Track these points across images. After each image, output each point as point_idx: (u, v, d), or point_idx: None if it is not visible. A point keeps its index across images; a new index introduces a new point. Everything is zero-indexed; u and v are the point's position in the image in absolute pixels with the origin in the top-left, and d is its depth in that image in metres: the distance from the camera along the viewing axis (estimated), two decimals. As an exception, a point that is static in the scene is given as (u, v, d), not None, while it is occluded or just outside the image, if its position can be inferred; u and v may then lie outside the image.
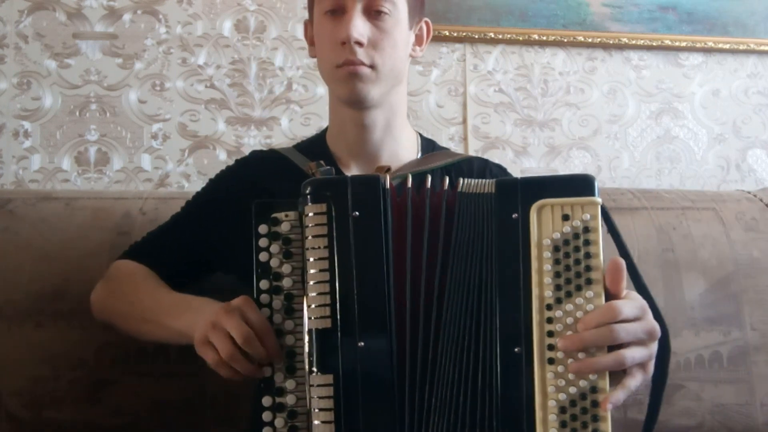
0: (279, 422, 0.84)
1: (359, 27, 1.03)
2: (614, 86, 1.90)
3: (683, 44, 1.90)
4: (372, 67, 1.04)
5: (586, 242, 0.83)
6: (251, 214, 0.87)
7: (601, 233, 0.84)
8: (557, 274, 0.83)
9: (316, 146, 1.17)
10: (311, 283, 0.84)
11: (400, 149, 1.14)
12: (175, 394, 1.21)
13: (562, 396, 0.81)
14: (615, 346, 0.81)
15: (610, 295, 0.83)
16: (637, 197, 1.48)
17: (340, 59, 1.04)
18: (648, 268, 1.36)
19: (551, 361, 0.81)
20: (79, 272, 1.24)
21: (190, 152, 1.72)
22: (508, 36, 1.83)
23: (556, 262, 0.83)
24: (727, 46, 1.92)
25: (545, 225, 0.84)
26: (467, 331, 0.84)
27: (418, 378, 0.84)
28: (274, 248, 0.87)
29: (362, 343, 0.82)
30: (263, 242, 0.87)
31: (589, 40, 1.86)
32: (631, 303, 0.83)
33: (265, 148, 1.29)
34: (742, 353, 1.37)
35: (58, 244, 1.27)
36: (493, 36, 1.82)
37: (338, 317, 0.83)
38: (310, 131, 1.19)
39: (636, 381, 0.83)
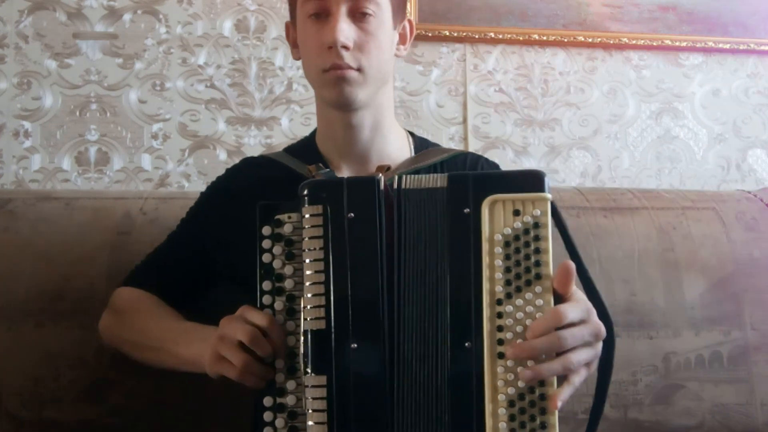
0: (279, 422, 0.84)
1: (345, 30, 1.02)
2: (614, 86, 1.90)
3: (683, 44, 1.90)
4: (359, 69, 1.04)
5: (536, 238, 0.84)
6: (254, 216, 0.87)
7: (550, 229, 0.84)
8: (507, 269, 0.83)
9: (306, 149, 1.17)
10: (307, 284, 0.84)
11: (390, 148, 1.14)
12: (175, 394, 1.21)
13: (511, 390, 0.82)
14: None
15: (558, 296, 0.84)
16: (637, 197, 1.47)
17: (326, 63, 1.03)
18: (648, 268, 1.36)
19: (501, 355, 0.82)
20: (79, 272, 1.24)
21: (190, 152, 1.72)
22: (509, 36, 1.83)
23: (507, 257, 0.84)
24: (727, 46, 1.92)
25: (497, 220, 0.84)
26: (426, 328, 0.85)
27: (396, 378, 0.84)
28: (277, 250, 0.87)
29: (355, 345, 0.83)
30: (266, 244, 0.87)
31: (589, 40, 1.86)
32: (575, 306, 0.84)
33: (263, 149, 1.29)
34: (742, 353, 1.37)
35: (58, 244, 1.27)
36: (493, 36, 1.82)
37: (332, 319, 0.83)
38: (310, 131, 1.19)
39: (581, 377, 0.85)
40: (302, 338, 0.84)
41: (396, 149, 1.15)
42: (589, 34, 1.86)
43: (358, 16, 1.04)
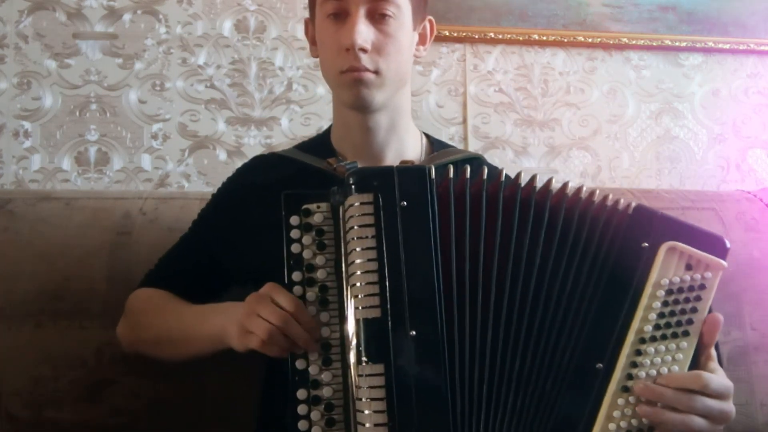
0: (315, 415, 0.83)
1: (363, 33, 1.01)
2: (614, 86, 1.90)
3: (683, 44, 1.90)
4: (377, 72, 1.03)
5: (698, 298, 0.86)
6: (270, 213, 0.87)
7: (713, 295, 0.86)
8: (661, 315, 0.85)
9: (320, 145, 1.16)
10: (358, 272, 0.83)
11: (405, 148, 1.14)
12: (175, 394, 1.21)
13: (623, 423, 0.84)
14: None
15: (701, 345, 0.86)
16: (637, 197, 1.47)
17: (344, 65, 1.03)
18: (648, 268, 1.36)
19: (625, 389, 0.84)
20: (79, 272, 1.25)
21: (190, 152, 1.72)
22: (508, 36, 1.83)
23: (665, 304, 0.85)
24: (727, 46, 1.92)
25: (667, 265, 0.86)
26: (543, 334, 0.86)
27: (467, 370, 0.84)
28: (307, 240, 0.86)
29: (414, 332, 0.82)
30: (295, 233, 0.86)
31: (589, 40, 1.86)
32: (719, 380, 0.85)
33: (263, 149, 1.29)
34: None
35: (58, 244, 1.27)
36: (493, 36, 1.82)
37: (388, 307, 0.82)
38: (310, 131, 1.19)
39: None
40: (353, 327, 0.83)
41: (411, 149, 1.15)
42: (589, 34, 1.86)
43: (377, 17, 1.03)
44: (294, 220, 0.87)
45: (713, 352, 0.87)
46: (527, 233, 0.87)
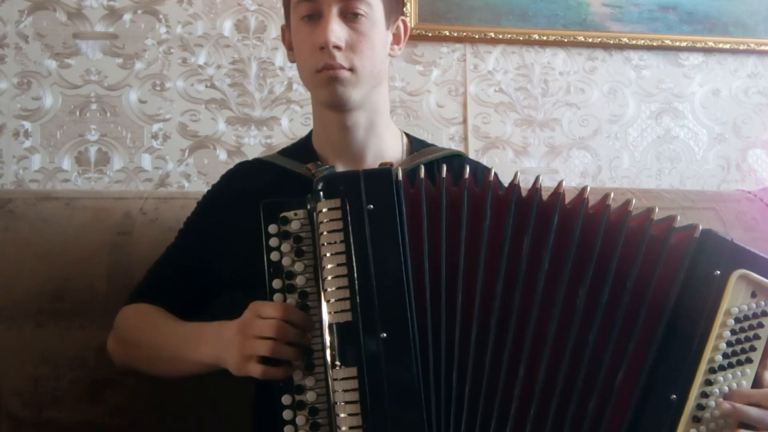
0: (300, 420, 0.84)
1: (336, 31, 1.02)
2: (614, 86, 1.90)
3: (683, 44, 1.90)
4: (351, 69, 1.04)
5: (760, 324, 0.87)
6: (253, 220, 0.87)
7: None
8: (730, 344, 0.86)
9: (302, 149, 1.17)
10: (329, 278, 0.84)
11: (385, 148, 1.14)
12: (175, 394, 1.21)
13: None
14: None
15: (761, 368, 0.87)
16: (637, 197, 1.47)
17: (319, 64, 1.04)
18: (648, 268, 1.36)
19: (696, 419, 0.85)
20: (79, 272, 1.24)
21: (190, 152, 1.72)
22: (509, 36, 1.83)
23: (733, 332, 0.86)
24: (727, 46, 1.92)
25: (736, 293, 0.86)
26: (578, 348, 0.86)
27: (443, 372, 0.84)
28: (285, 247, 0.87)
29: (384, 335, 0.83)
30: (273, 242, 0.87)
31: (590, 40, 1.86)
32: None
33: (263, 149, 1.29)
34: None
35: (58, 244, 1.27)
36: (493, 36, 1.82)
37: (359, 310, 0.83)
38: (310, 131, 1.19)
39: None
40: (326, 332, 0.83)
41: (391, 148, 1.15)
42: (589, 34, 1.86)
43: (350, 16, 1.04)
44: (272, 228, 0.87)
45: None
46: (526, 237, 0.87)
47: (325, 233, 0.85)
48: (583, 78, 1.89)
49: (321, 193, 0.86)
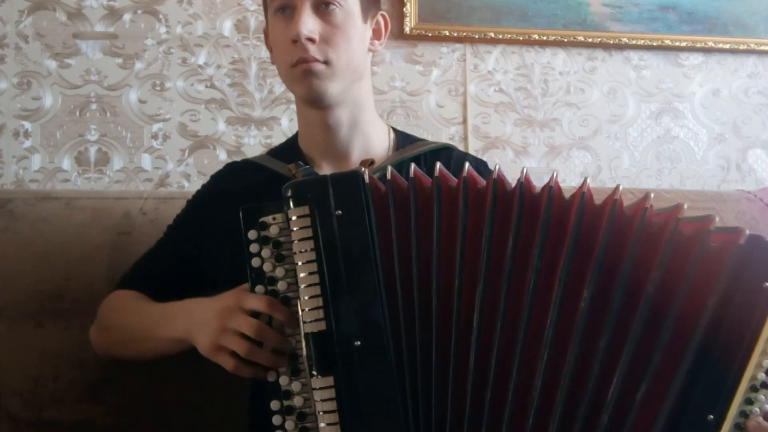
0: (289, 425, 0.84)
1: (309, 24, 1.01)
2: (614, 86, 1.90)
3: (683, 44, 1.90)
4: (326, 62, 1.03)
5: None
6: (239, 221, 0.86)
7: None
8: None
9: (289, 150, 1.16)
10: (302, 286, 0.83)
11: (371, 145, 1.13)
12: (175, 394, 1.21)
13: None
14: None
15: None
16: (637, 197, 1.47)
17: (293, 58, 1.03)
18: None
19: None
20: (79, 272, 1.24)
21: (190, 152, 1.72)
22: (509, 36, 1.83)
23: None
24: (727, 46, 1.92)
25: None
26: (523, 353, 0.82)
27: (420, 378, 0.83)
28: (266, 253, 0.85)
29: (358, 343, 0.82)
30: (254, 248, 0.86)
31: (589, 40, 1.86)
32: None
33: (263, 149, 1.29)
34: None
35: (58, 244, 1.27)
36: (493, 36, 1.82)
37: (332, 318, 0.82)
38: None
39: None
40: (304, 341, 0.83)
41: (377, 145, 1.14)
42: (589, 34, 1.86)
43: (323, 9, 1.03)
44: (252, 234, 0.86)
45: None
46: (512, 234, 0.83)
47: (296, 241, 0.83)
48: (583, 78, 1.89)
49: (291, 200, 0.84)
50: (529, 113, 1.86)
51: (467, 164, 0.85)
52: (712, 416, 0.80)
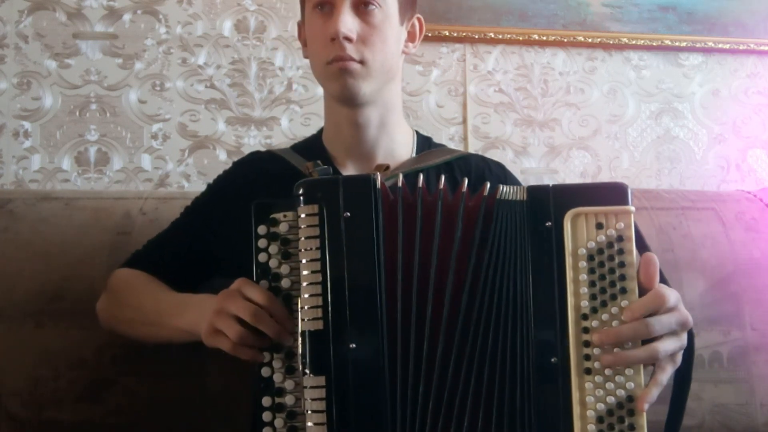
0: (278, 422, 0.84)
1: (348, 22, 1.02)
2: (614, 86, 1.90)
3: (683, 44, 1.90)
4: (362, 62, 1.04)
5: (620, 251, 0.82)
6: (251, 214, 0.87)
7: (634, 242, 0.83)
8: (592, 284, 0.82)
9: (312, 146, 1.17)
10: (304, 284, 0.84)
11: (396, 147, 1.14)
12: (175, 394, 1.21)
13: (600, 406, 0.81)
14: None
15: (644, 290, 0.82)
16: (637, 197, 1.47)
17: (330, 55, 1.03)
18: (648, 268, 1.36)
19: (588, 371, 0.82)
20: (79, 272, 1.25)
21: (190, 152, 1.72)
22: (508, 36, 1.83)
23: (591, 271, 0.83)
24: (727, 46, 1.92)
25: (579, 234, 0.83)
26: (493, 339, 0.84)
27: (410, 384, 0.83)
28: (273, 249, 0.86)
29: (353, 345, 0.82)
30: (262, 243, 0.87)
31: (589, 40, 1.86)
32: (673, 292, 0.83)
33: (263, 149, 1.29)
34: (742, 353, 1.37)
35: (58, 244, 1.27)
36: (493, 36, 1.82)
37: (330, 319, 0.82)
38: (310, 131, 1.19)
39: (666, 374, 0.83)
40: (300, 339, 0.83)
41: (401, 147, 1.15)
42: (589, 34, 1.86)
43: (362, 8, 1.04)
44: (261, 229, 0.87)
45: (658, 285, 0.84)
46: (471, 242, 0.85)
47: (302, 239, 0.84)
48: (583, 78, 1.89)
49: (301, 198, 0.85)
50: (529, 113, 1.86)
51: (443, 178, 0.88)
52: (555, 358, 0.82)
